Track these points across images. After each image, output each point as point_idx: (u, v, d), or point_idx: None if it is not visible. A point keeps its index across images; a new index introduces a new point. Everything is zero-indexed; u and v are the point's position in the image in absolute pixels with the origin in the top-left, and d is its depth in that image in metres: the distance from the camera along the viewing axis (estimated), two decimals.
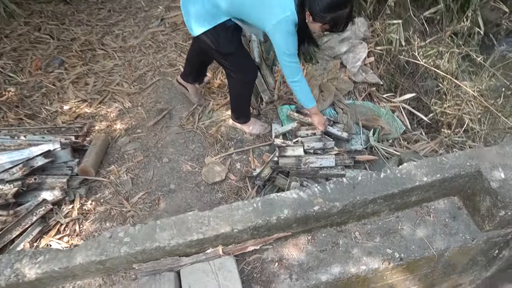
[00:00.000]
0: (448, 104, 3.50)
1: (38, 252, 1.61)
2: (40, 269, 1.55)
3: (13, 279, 1.54)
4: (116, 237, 1.61)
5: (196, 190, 2.56)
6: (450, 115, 3.43)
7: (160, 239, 1.60)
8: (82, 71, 3.59)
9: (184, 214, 1.67)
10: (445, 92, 3.61)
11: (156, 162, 2.73)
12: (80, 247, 1.60)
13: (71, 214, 2.39)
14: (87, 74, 3.57)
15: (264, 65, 3.41)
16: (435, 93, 3.72)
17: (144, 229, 1.63)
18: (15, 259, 1.58)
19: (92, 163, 2.60)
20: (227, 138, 2.89)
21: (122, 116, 3.13)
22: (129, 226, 1.65)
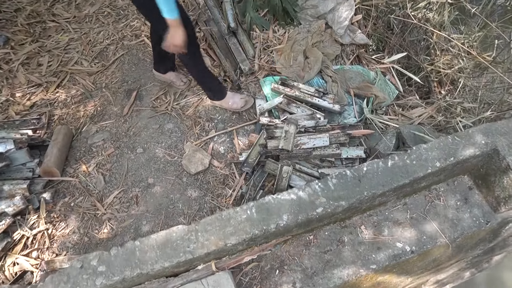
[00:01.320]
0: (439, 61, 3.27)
1: None
2: None
3: None
4: (89, 266, 1.37)
5: (177, 182, 2.30)
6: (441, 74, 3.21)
7: (141, 264, 1.36)
8: (33, 49, 3.12)
9: (167, 231, 1.43)
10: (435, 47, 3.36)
11: (130, 154, 2.43)
12: (44, 284, 1.35)
13: (37, 225, 2.10)
14: (39, 52, 3.11)
15: (241, 29, 3.04)
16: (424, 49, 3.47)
17: (122, 254, 1.38)
18: None
19: (56, 162, 2.28)
20: (206, 119, 2.59)
21: (85, 101, 2.76)
22: (103, 252, 1.39)
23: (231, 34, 3.04)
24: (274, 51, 2.88)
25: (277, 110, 2.52)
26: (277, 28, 3.03)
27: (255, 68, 2.84)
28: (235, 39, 3.02)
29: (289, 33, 2.96)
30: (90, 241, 2.08)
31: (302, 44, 2.85)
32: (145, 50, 3.10)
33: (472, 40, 3.26)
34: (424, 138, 2.04)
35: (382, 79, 2.76)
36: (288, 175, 2.13)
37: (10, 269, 1.98)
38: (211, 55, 3.00)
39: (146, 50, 3.10)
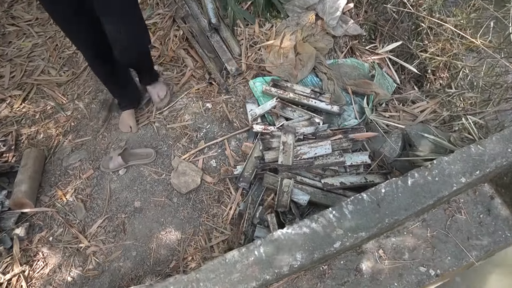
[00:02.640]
0: (433, 47, 3.09)
1: None
2: None
3: None
4: None
5: (167, 204, 2.08)
6: (436, 61, 3.04)
7: None
8: None
9: (163, 283, 1.22)
10: (428, 32, 3.18)
11: (111, 175, 2.18)
12: None
13: (11, 268, 1.86)
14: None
15: (223, 25, 2.78)
16: (416, 36, 3.28)
17: None
18: None
19: (28, 191, 2.02)
20: (193, 129, 2.36)
21: (56, 116, 2.48)
22: None
23: (213, 31, 2.79)
24: (262, 48, 2.65)
25: (271, 115, 2.30)
26: (263, 22, 2.79)
27: (243, 68, 2.60)
28: (218, 36, 2.77)
29: (276, 27, 2.72)
30: (75, 280, 1.85)
31: (291, 39, 2.62)
32: None
33: (465, 24, 3.09)
34: (437, 142, 1.87)
35: (379, 72, 2.57)
36: (289, 189, 1.94)
37: None
38: (193, 55, 2.74)
39: None
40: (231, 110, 2.42)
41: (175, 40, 2.83)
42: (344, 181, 2.05)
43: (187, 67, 2.68)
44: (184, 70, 2.67)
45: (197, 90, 2.54)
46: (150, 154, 2.20)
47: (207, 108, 2.44)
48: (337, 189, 2.05)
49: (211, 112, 2.42)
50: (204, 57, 2.66)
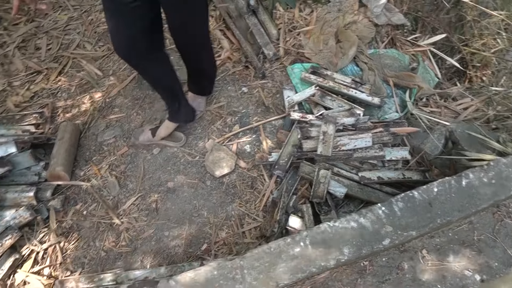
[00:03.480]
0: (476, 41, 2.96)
1: None
2: None
3: None
4: None
5: (201, 186, 2.07)
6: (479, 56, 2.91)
7: None
8: (28, 30, 2.79)
9: (206, 268, 1.21)
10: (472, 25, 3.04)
11: (145, 154, 2.18)
12: None
13: (48, 238, 1.89)
14: (36, 34, 2.79)
15: (261, 8, 2.71)
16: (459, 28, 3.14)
17: None
18: None
19: (64, 164, 2.03)
20: (228, 112, 2.32)
21: (92, 91, 2.48)
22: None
23: (251, 12, 2.72)
24: (301, 33, 2.57)
25: (308, 103, 2.25)
26: (303, 6, 2.70)
27: (281, 53, 2.54)
28: (255, 19, 2.70)
29: (317, 12, 2.63)
30: (108, 255, 1.87)
31: (333, 25, 2.53)
32: None
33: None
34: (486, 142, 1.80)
35: (422, 65, 2.47)
36: (326, 180, 1.90)
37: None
38: (229, 37, 2.69)
39: None
40: (267, 96, 2.37)
41: (211, 20, 2.77)
42: (381, 176, 2.00)
43: (223, 49, 2.63)
44: (220, 52, 2.62)
45: (233, 73, 2.50)
46: (180, 139, 2.17)
47: (243, 92, 2.40)
48: (374, 183, 2.00)
49: (247, 97, 2.38)
50: (241, 39, 2.60)
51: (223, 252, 1.89)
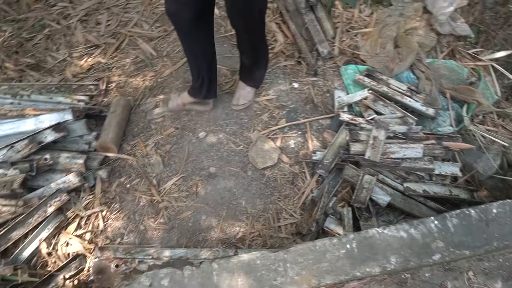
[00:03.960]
0: None
1: None
2: None
3: None
4: (159, 285, 1.18)
5: (241, 175, 2.08)
6: None
7: None
8: (92, 5, 2.89)
9: (250, 255, 1.21)
10: None
11: (191, 136, 2.21)
12: None
13: (92, 205, 1.96)
14: (98, 9, 2.89)
15: (320, 5, 2.67)
16: None
17: (197, 276, 1.19)
18: None
19: (113, 137, 2.10)
20: (276, 106, 2.31)
21: (145, 70, 2.54)
22: (175, 271, 1.20)
23: (309, 8, 2.69)
24: (358, 34, 2.51)
25: (359, 105, 2.20)
26: (364, 7, 2.64)
27: (335, 52, 2.50)
28: (312, 15, 2.67)
29: (377, 14, 2.57)
30: (146, 230, 1.92)
31: (392, 29, 2.46)
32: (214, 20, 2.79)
33: None
34: None
35: (483, 81, 2.36)
36: (370, 186, 1.86)
37: (63, 248, 1.86)
38: (284, 31, 2.67)
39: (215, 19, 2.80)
40: (317, 93, 2.35)
41: (268, 13, 2.77)
42: (427, 190, 1.94)
43: (277, 42, 2.62)
44: (273, 44, 2.61)
45: (284, 66, 2.49)
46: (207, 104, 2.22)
47: (293, 87, 2.39)
48: (418, 196, 1.94)
49: (297, 92, 2.36)
50: (296, 34, 2.58)
51: (257, 243, 1.89)
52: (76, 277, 1.78)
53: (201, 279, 1.19)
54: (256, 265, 1.21)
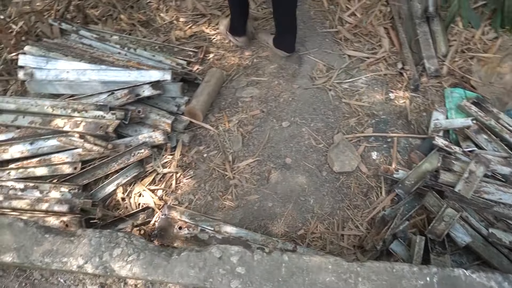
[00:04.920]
0: None
1: (132, 245, 1.27)
2: (131, 272, 1.22)
3: (100, 270, 1.24)
4: (228, 261, 1.20)
5: (316, 174, 2.04)
6: None
7: (285, 285, 1.14)
8: None
9: (323, 258, 1.18)
10: None
11: (274, 123, 2.20)
12: (180, 258, 1.22)
13: (169, 165, 2.04)
14: None
15: (438, 18, 2.49)
16: None
17: (266, 263, 1.18)
18: (106, 247, 1.26)
19: (202, 105, 2.16)
20: (367, 113, 2.22)
21: (243, 49, 2.56)
22: (245, 251, 1.21)
23: (424, 19, 2.52)
24: (475, 58, 2.31)
25: (457, 133, 2.03)
26: (488, 30, 2.42)
27: (443, 71, 2.32)
28: (426, 27, 2.50)
29: (503, 40, 2.33)
30: (213, 202, 1.96)
31: None
32: (318, 9, 2.74)
33: None
34: None
35: None
36: (451, 220, 1.72)
37: (136, 198, 1.97)
38: (392, 37, 2.54)
39: (319, 8, 2.75)
40: (413, 110, 2.21)
41: (379, 15, 2.65)
42: None
43: (381, 48, 2.50)
44: (376, 49, 2.50)
45: (384, 75, 2.37)
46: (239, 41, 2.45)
47: (389, 97, 2.27)
48: (503, 246, 1.76)
49: (391, 104, 2.25)
50: (404, 44, 2.44)
51: (317, 245, 1.86)
52: (142, 227, 1.88)
53: (269, 267, 1.18)
54: (326, 269, 1.17)
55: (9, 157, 2.11)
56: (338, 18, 2.66)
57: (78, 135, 2.02)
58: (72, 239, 1.30)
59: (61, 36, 2.56)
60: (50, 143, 2.10)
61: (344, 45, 2.54)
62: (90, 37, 2.51)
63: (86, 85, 2.20)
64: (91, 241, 1.28)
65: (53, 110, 2.14)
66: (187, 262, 1.21)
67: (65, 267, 1.25)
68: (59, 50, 2.38)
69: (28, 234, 1.30)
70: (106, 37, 2.56)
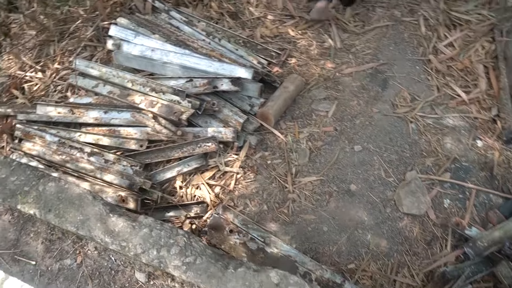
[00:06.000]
0: None
1: (191, 246, 1.24)
2: (185, 274, 1.19)
3: (156, 263, 1.23)
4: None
5: (379, 208, 1.92)
6: None
7: None
8: None
9: None
10: None
11: (346, 144, 2.10)
12: (236, 274, 1.19)
13: (232, 164, 2.01)
14: None
15: None
16: None
17: None
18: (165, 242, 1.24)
19: (276, 111, 2.11)
20: (447, 156, 2.05)
21: (326, 58, 2.47)
22: (305, 285, 1.14)
23: None
24: None
25: None
26: None
27: None
28: None
29: None
30: (267, 211, 1.91)
31: None
32: (413, 32, 2.57)
33: None
34: None
35: None
36: None
37: (193, 189, 1.97)
38: (491, 78, 2.33)
39: (415, 32, 2.57)
40: (501, 164, 2.02)
41: (480, 51, 2.44)
42: None
43: (476, 87, 2.30)
44: (470, 88, 2.31)
45: (474, 118, 2.18)
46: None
47: (475, 144, 2.09)
48: None
49: (476, 152, 2.06)
50: (505, 89, 2.23)
51: (366, 284, 1.75)
52: (194, 220, 1.87)
53: None
54: None
55: (82, 121, 2.19)
56: (433, 46, 2.48)
57: (152, 115, 2.04)
58: (134, 224, 1.30)
59: (151, 13, 2.60)
60: (123, 115, 2.15)
61: (434, 76, 2.36)
62: (180, 19, 2.53)
63: (167, 67, 2.21)
64: (151, 232, 1.28)
65: (132, 85, 2.18)
66: (243, 280, 1.17)
67: (123, 251, 1.26)
68: (148, 26, 2.42)
69: (94, 209, 1.32)
70: (194, 21, 2.57)
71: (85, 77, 2.32)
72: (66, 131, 2.17)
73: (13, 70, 2.54)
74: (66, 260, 1.49)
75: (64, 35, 2.62)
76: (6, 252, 1.52)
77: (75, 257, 1.50)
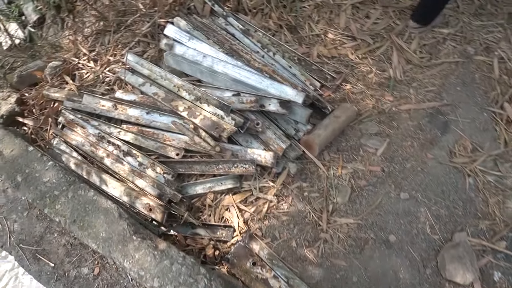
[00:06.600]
0: None
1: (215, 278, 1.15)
2: None
3: None
4: None
5: (418, 267, 1.74)
6: None
7: None
8: None
9: None
10: None
11: (391, 189, 1.93)
12: None
13: (267, 191, 1.91)
14: (375, 3, 2.68)
15: None
16: None
17: None
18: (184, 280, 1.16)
19: (322, 140, 1.97)
20: (505, 222, 1.84)
21: (384, 89, 2.29)
22: None
23: None
24: None
25: None
26: None
27: None
28: None
29: None
30: (296, 249, 1.79)
31: None
32: (485, 73, 2.33)
33: None
34: None
35: None
36: None
37: (222, 210, 1.88)
38: None
39: (487, 74, 2.33)
40: None
41: None
42: None
43: None
44: None
45: None
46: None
47: None
48: None
49: None
50: None
51: None
52: (218, 244, 1.78)
53: None
54: None
55: (124, 118, 2.16)
56: (510, 93, 2.23)
57: (193, 126, 1.97)
58: (155, 253, 1.23)
59: (209, 16, 2.54)
60: (164, 120, 2.10)
61: (503, 127, 2.13)
62: (237, 27, 2.45)
63: (216, 76, 2.14)
64: (172, 266, 1.20)
65: (178, 90, 2.13)
66: None
67: (140, 280, 1.19)
68: (203, 30, 2.36)
69: (119, 228, 1.27)
70: (251, 31, 2.47)
71: (133, 73, 2.30)
72: (107, 125, 2.16)
73: (69, 56, 2.57)
74: (83, 269, 1.45)
75: (121, 27, 2.61)
76: (29, 248, 1.51)
77: (93, 267, 1.46)
